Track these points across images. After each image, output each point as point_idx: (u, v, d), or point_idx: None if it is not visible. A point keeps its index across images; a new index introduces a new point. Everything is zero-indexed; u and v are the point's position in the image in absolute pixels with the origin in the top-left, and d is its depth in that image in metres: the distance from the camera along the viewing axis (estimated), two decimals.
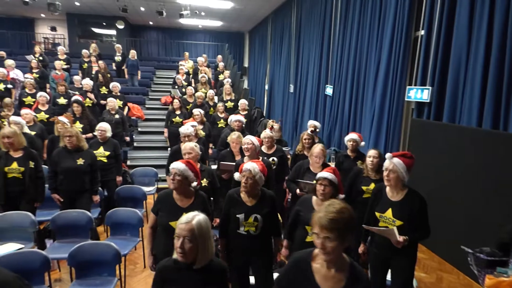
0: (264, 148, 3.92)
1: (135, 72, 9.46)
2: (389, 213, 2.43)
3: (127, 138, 6.87)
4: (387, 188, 2.51)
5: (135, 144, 7.69)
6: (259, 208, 2.46)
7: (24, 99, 6.44)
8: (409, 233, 2.33)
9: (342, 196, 2.50)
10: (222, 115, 6.32)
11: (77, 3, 10.34)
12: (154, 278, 1.81)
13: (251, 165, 2.44)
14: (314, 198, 2.53)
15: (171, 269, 1.74)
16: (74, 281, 2.78)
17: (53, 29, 14.28)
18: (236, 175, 2.59)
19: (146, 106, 9.30)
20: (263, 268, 2.56)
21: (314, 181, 2.53)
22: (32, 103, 6.27)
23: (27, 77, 6.94)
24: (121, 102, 6.90)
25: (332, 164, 4.25)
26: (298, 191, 3.34)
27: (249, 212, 2.44)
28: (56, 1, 8.83)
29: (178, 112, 6.46)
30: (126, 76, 9.46)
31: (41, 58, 8.47)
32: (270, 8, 10.59)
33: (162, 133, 8.14)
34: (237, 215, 2.44)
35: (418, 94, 4.38)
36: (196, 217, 1.70)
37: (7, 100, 5.63)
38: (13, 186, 3.45)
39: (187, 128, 4.12)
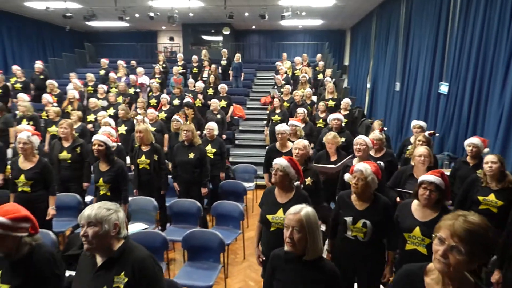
0: (371, 151, 3.64)
1: (238, 74, 10.06)
2: None
3: (224, 136, 7.37)
4: None
5: (236, 142, 8.20)
6: (370, 213, 2.33)
7: (150, 100, 7.50)
8: None
9: (449, 202, 2.23)
10: (322, 115, 6.21)
11: (191, 14, 11.49)
12: (267, 264, 1.89)
13: (363, 166, 2.34)
14: (414, 202, 2.28)
15: (282, 259, 1.80)
16: (186, 262, 3.13)
17: (171, 39, 16.22)
18: (346, 176, 2.53)
19: (247, 106, 9.81)
20: (369, 278, 2.42)
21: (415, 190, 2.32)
22: (155, 104, 7.26)
23: (152, 82, 8.09)
24: (225, 102, 7.37)
25: (447, 172, 3.81)
26: (398, 199, 3.11)
27: (358, 216, 2.34)
28: (174, 14, 10.00)
29: (278, 111, 6.62)
30: (231, 78, 10.13)
31: (164, 65, 9.72)
32: (375, 2, 9.99)
33: (261, 132, 8.50)
34: (345, 218, 2.37)
35: None
36: (304, 208, 1.74)
37: (141, 100, 6.69)
38: (143, 175, 4.06)
39: (282, 126, 4.14)
